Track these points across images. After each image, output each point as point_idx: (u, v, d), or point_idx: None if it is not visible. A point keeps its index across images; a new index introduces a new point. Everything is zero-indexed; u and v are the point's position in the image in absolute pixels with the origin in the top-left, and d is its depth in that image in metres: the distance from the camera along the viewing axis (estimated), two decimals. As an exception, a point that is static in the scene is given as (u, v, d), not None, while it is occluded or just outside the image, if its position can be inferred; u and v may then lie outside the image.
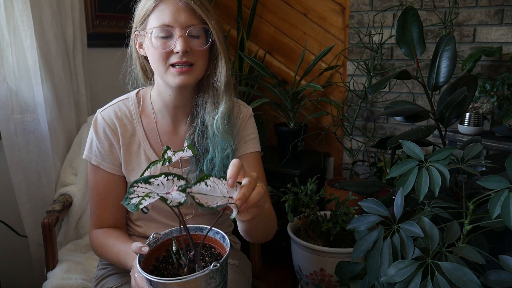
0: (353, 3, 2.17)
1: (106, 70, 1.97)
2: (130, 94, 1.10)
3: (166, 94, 1.03)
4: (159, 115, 1.08)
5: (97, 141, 1.04)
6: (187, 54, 0.94)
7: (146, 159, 1.05)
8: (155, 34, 0.94)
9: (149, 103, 1.08)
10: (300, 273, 1.53)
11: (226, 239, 0.73)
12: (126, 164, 1.05)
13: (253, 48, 2.50)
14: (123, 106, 1.07)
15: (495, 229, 0.89)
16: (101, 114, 1.06)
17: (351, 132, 2.14)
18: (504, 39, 1.88)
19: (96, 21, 1.91)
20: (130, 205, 0.57)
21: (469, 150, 0.98)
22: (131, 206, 0.57)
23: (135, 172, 1.05)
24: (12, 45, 1.48)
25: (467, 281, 0.76)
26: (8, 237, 1.61)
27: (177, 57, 0.94)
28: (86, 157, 1.06)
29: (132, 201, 0.57)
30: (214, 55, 1.00)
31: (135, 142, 1.06)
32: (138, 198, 0.57)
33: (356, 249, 0.96)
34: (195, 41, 0.95)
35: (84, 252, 1.58)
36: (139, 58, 1.06)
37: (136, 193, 0.59)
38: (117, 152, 1.05)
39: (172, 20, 0.92)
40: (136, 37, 1.01)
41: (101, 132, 1.04)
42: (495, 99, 1.75)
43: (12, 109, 1.51)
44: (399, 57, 2.12)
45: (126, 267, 0.95)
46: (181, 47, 0.92)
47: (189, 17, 0.93)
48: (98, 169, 1.05)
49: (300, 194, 1.51)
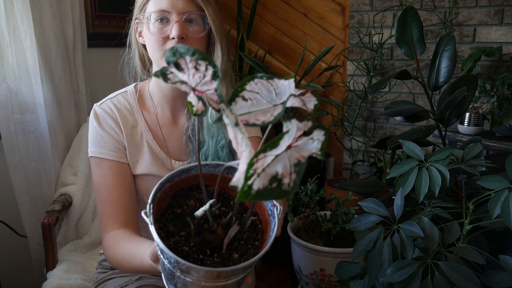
0: (353, 3, 2.17)
1: (106, 70, 1.97)
2: (128, 88, 1.09)
3: (163, 84, 1.01)
4: (159, 108, 1.07)
5: (101, 131, 1.01)
6: (183, 40, 0.94)
7: (149, 150, 1.04)
8: (152, 19, 0.95)
9: (148, 95, 1.07)
10: (300, 273, 1.53)
11: (272, 209, 0.57)
12: (130, 156, 1.03)
13: (253, 48, 2.50)
14: (122, 99, 1.06)
15: (495, 229, 0.89)
16: (99, 107, 1.03)
17: (351, 132, 2.14)
18: (504, 39, 1.88)
19: (96, 21, 1.91)
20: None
21: (469, 150, 0.98)
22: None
23: (138, 164, 1.02)
24: (12, 45, 1.48)
25: (467, 281, 0.76)
26: (8, 237, 1.61)
27: (173, 43, 0.94)
28: (92, 153, 1.01)
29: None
30: (211, 43, 1.00)
31: (137, 134, 1.04)
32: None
33: (356, 249, 0.96)
34: (191, 28, 0.96)
35: (84, 252, 1.58)
36: (138, 47, 1.06)
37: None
38: (122, 140, 1.02)
39: (169, 6, 0.94)
40: (136, 25, 1.02)
41: (104, 122, 1.01)
42: (495, 99, 1.75)
43: (12, 109, 1.51)
44: (399, 57, 2.12)
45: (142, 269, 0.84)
46: (177, 32, 0.92)
47: (186, 3, 0.94)
48: (104, 162, 1.00)
49: (300, 194, 1.51)
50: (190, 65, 0.47)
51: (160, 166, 1.03)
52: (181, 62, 0.47)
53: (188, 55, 0.46)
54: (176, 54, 0.46)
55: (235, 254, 0.56)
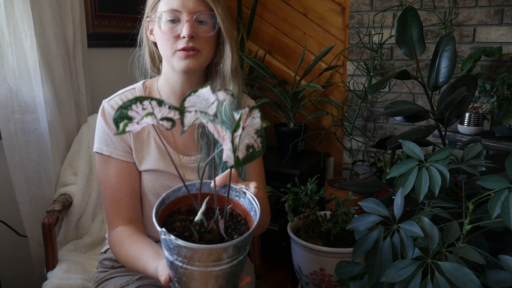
0: (353, 3, 2.17)
1: (106, 70, 1.97)
2: (137, 84, 1.10)
3: (173, 80, 1.05)
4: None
5: (108, 129, 1.02)
6: (193, 39, 0.96)
7: (156, 147, 1.04)
8: (163, 18, 0.97)
9: (156, 92, 1.09)
10: (300, 273, 1.53)
11: (254, 204, 0.71)
12: (136, 152, 1.04)
13: (253, 48, 2.50)
14: (130, 95, 1.07)
15: (495, 229, 0.89)
16: (108, 103, 1.04)
17: (351, 132, 2.14)
18: (504, 39, 1.88)
19: (96, 21, 1.91)
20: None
21: (469, 150, 0.98)
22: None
23: (145, 160, 1.03)
24: (12, 45, 1.48)
25: (467, 281, 0.76)
26: (8, 237, 1.61)
27: (183, 42, 0.96)
28: (97, 149, 1.02)
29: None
30: (221, 42, 1.03)
31: (145, 130, 1.06)
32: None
33: (356, 249, 0.96)
34: (201, 27, 0.98)
35: (84, 252, 1.58)
36: (148, 44, 1.08)
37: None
38: (128, 139, 1.04)
39: (180, 6, 0.96)
40: (147, 23, 1.04)
41: (110, 120, 1.03)
42: (495, 99, 1.75)
43: (12, 109, 1.51)
44: (399, 57, 2.12)
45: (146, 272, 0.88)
46: (188, 31, 0.95)
47: (197, 3, 0.97)
48: (109, 160, 1.02)
49: (300, 194, 1.51)
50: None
51: (167, 161, 1.04)
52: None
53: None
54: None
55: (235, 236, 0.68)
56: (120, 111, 0.58)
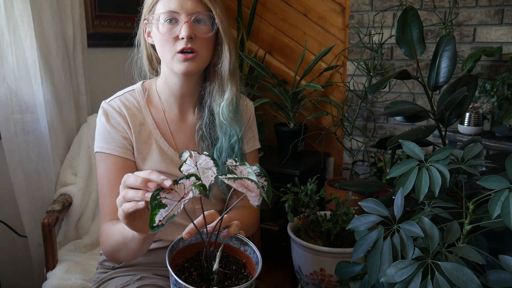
0: (353, 3, 2.17)
1: (106, 70, 1.97)
2: (136, 86, 1.10)
3: (172, 83, 1.05)
4: (166, 105, 1.09)
5: (109, 127, 1.02)
6: (192, 40, 0.96)
7: (157, 147, 1.05)
8: (161, 20, 0.97)
9: (155, 93, 1.09)
10: (300, 273, 1.53)
11: (257, 255, 0.75)
12: (137, 153, 1.04)
13: (253, 48, 2.50)
14: (130, 96, 1.07)
15: (495, 229, 0.89)
16: (108, 104, 1.04)
17: (351, 132, 2.14)
18: (504, 39, 1.88)
19: (96, 21, 1.91)
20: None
21: (469, 150, 0.98)
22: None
23: (146, 161, 1.04)
24: (12, 45, 1.48)
25: (467, 281, 0.76)
26: (8, 237, 1.61)
27: (182, 43, 0.96)
28: (98, 148, 1.02)
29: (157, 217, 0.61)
30: (219, 42, 1.03)
31: (145, 131, 1.06)
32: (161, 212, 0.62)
33: (356, 249, 0.96)
34: (200, 28, 0.98)
35: (84, 252, 1.58)
36: (146, 47, 1.08)
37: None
38: (130, 137, 1.03)
39: (178, 7, 0.95)
40: (145, 26, 1.04)
41: (112, 119, 1.03)
42: (495, 99, 1.75)
43: (12, 109, 1.51)
44: (399, 57, 2.12)
45: (130, 235, 0.86)
46: (186, 32, 0.94)
47: (195, 4, 0.96)
48: (109, 157, 1.02)
49: (300, 194, 1.51)
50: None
51: (168, 162, 1.04)
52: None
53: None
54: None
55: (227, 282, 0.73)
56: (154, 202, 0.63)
